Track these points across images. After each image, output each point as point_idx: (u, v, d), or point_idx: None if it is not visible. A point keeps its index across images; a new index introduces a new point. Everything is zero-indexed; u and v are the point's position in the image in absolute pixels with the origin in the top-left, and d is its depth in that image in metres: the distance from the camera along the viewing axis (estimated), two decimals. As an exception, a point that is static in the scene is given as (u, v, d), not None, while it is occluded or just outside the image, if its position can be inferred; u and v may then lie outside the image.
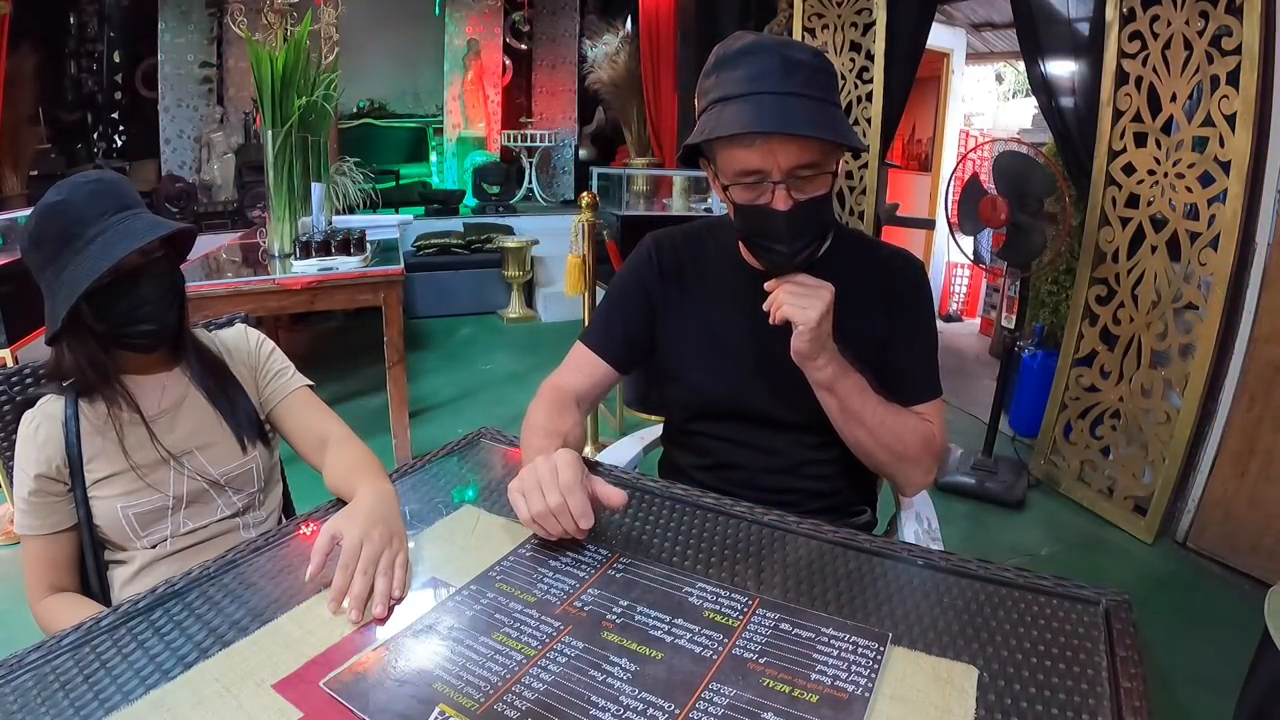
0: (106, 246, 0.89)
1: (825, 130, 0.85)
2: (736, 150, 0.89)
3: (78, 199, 0.91)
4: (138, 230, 0.91)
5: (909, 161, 5.54)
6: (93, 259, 0.89)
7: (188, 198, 4.89)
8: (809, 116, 0.85)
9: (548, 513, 0.78)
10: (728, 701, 0.60)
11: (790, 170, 0.87)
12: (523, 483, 0.81)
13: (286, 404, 1.13)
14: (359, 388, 3.60)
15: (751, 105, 0.85)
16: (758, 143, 0.86)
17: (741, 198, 0.92)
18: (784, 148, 0.86)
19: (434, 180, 6.32)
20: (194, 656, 0.66)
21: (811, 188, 0.90)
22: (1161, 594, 2.13)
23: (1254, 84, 2.02)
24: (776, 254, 0.93)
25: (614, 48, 5.68)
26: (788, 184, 0.88)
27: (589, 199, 2.68)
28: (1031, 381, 3.03)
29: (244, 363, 1.13)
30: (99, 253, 0.89)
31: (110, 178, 0.96)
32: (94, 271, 0.88)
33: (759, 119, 0.85)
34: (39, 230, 0.91)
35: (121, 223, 0.91)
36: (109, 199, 0.92)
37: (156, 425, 1.01)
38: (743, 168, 0.89)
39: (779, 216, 0.89)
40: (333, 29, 4.11)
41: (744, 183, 0.90)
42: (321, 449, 1.07)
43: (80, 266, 0.89)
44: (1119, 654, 0.66)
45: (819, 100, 0.87)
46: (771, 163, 0.87)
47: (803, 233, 0.91)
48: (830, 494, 1.10)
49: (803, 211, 0.90)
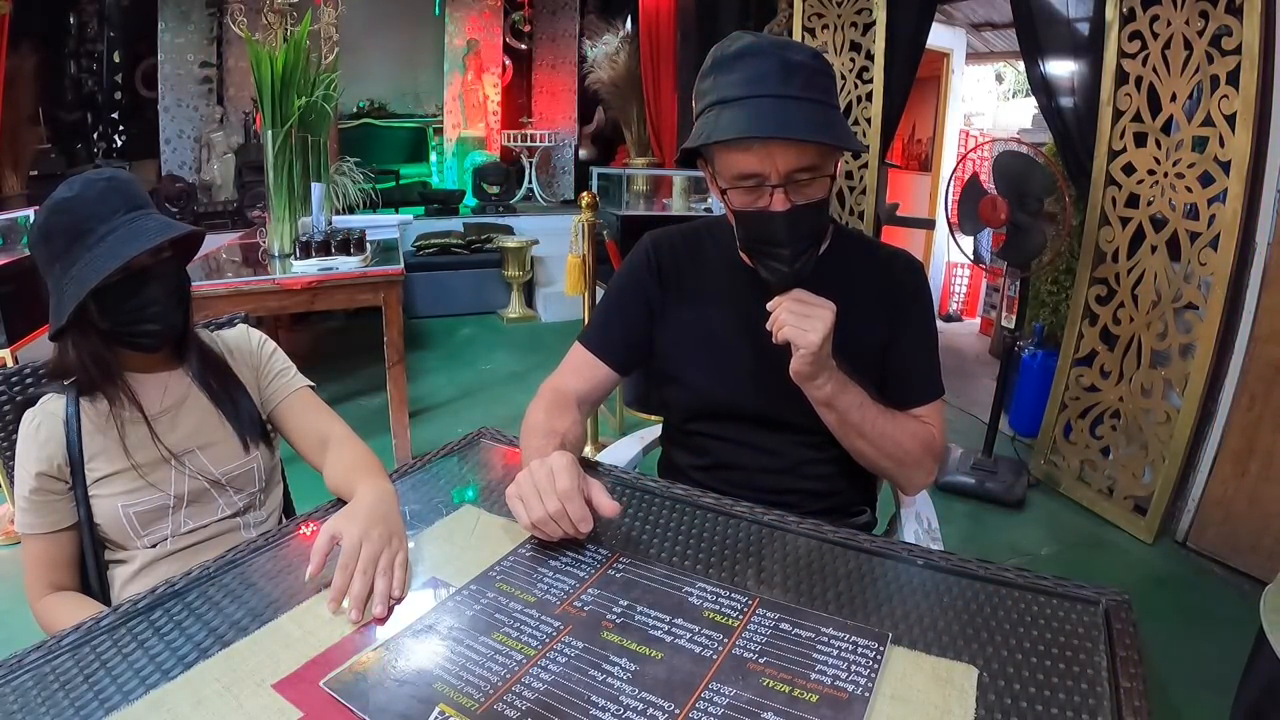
0: (117, 245, 0.89)
1: (824, 134, 0.85)
2: (734, 154, 0.88)
3: (90, 195, 0.91)
4: (149, 230, 0.92)
5: (909, 161, 5.54)
6: (103, 256, 0.89)
7: (188, 198, 4.89)
8: (807, 120, 0.85)
9: (547, 519, 0.79)
10: (728, 701, 0.60)
11: (788, 174, 0.87)
12: (520, 488, 0.82)
13: (288, 404, 1.13)
14: (359, 388, 3.60)
15: (750, 109, 0.85)
16: (755, 147, 0.86)
17: (739, 202, 0.92)
18: (782, 152, 0.86)
19: (434, 180, 6.32)
20: (194, 656, 0.66)
21: (810, 191, 0.90)
22: (1161, 594, 2.13)
23: (1254, 84, 2.02)
24: (776, 258, 0.92)
25: (614, 48, 5.68)
26: (786, 187, 0.88)
27: (589, 199, 2.68)
28: (1031, 381, 3.03)
29: (246, 363, 1.13)
30: (109, 251, 0.89)
31: (123, 177, 0.96)
32: (104, 269, 0.88)
33: (757, 124, 0.84)
34: (49, 224, 0.91)
35: (133, 222, 0.92)
36: (121, 197, 0.92)
37: (158, 424, 1.01)
38: (741, 171, 0.89)
39: (777, 219, 0.89)
40: (332, 29, 4.11)
41: (742, 186, 0.90)
42: (322, 449, 1.07)
43: (89, 264, 0.89)
44: (1119, 654, 0.66)
45: (818, 103, 0.87)
46: (770, 166, 0.87)
47: (801, 236, 0.91)
48: (830, 494, 1.10)
49: (801, 215, 0.90)
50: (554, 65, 6.59)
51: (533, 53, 6.56)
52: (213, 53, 5.22)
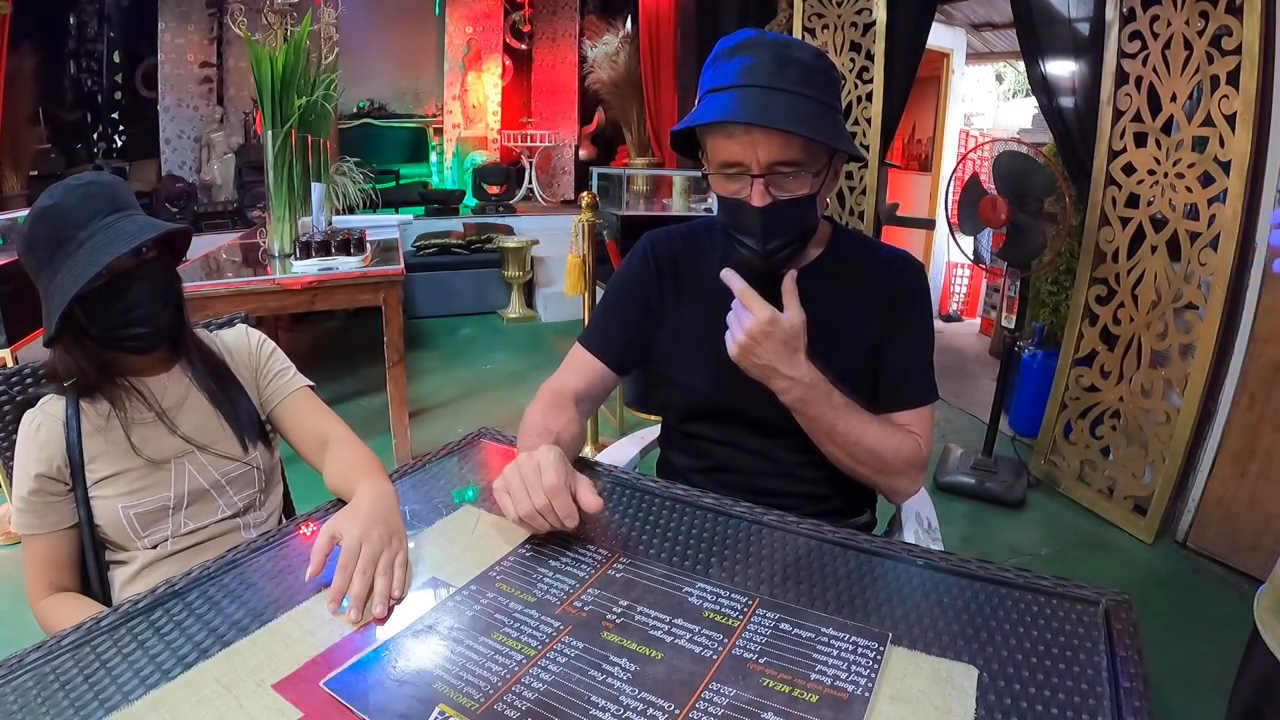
0: (95, 250, 0.89)
1: (805, 127, 0.84)
2: (719, 140, 0.89)
3: (70, 202, 0.90)
4: (127, 232, 0.91)
5: (909, 161, 5.54)
6: (82, 262, 0.88)
7: (188, 198, 4.89)
8: (794, 113, 0.85)
9: (534, 513, 0.79)
10: (728, 701, 0.60)
11: (769, 165, 0.87)
12: (507, 481, 0.82)
13: (287, 404, 1.13)
14: (359, 388, 3.60)
15: (738, 96, 0.86)
16: (738, 134, 0.86)
17: (722, 189, 0.92)
18: (764, 141, 0.86)
19: (434, 180, 6.32)
20: (194, 656, 0.66)
21: (792, 186, 0.89)
22: (1161, 594, 2.13)
23: (1254, 84, 2.02)
24: (749, 250, 0.93)
25: (614, 48, 5.67)
26: (766, 179, 0.88)
27: (589, 199, 2.68)
28: (1031, 381, 3.04)
29: (245, 364, 1.13)
30: (88, 256, 0.88)
31: (104, 180, 0.95)
32: (83, 275, 0.88)
33: (740, 109, 0.85)
34: (32, 234, 0.91)
35: (112, 225, 0.90)
36: (101, 201, 0.91)
37: (158, 425, 1.01)
38: (724, 159, 0.90)
39: (753, 212, 0.89)
40: (332, 29, 4.12)
41: (725, 174, 0.91)
42: (322, 449, 1.07)
43: (70, 272, 0.89)
44: (1119, 654, 0.66)
45: (811, 99, 0.86)
46: (751, 156, 0.87)
47: (777, 233, 0.91)
48: (827, 498, 1.09)
49: (780, 211, 0.89)
50: (554, 65, 6.58)
51: (533, 53, 6.56)
52: (213, 53, 5.22)
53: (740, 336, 0.90)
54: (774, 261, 0.93)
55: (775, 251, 0.92)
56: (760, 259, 0.93)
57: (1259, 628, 0.82)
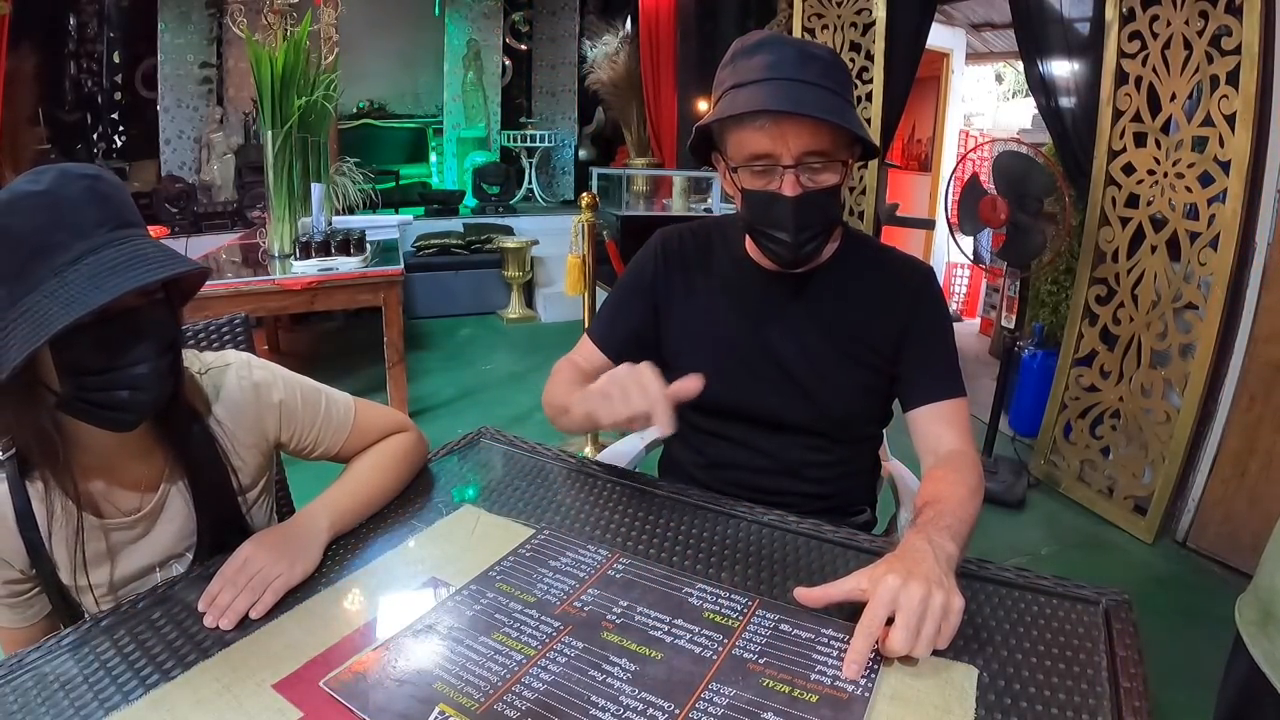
0: (99, 273, 0.64)
1: (837, 116, 0.86)
2: (748, 132, 0.89)
3: (71, 195, 0.66)
4: (150, 258, 0.66)
5: (909, 161, 5.54)
6: (77, 286, 0.63)
7: (187, 198, 4.89)
8: (822, 103, 0.86)
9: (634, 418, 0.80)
10: (727, 702, 0.60)
11: (801, 155, 0.88)
12: (610, 384, 0.83)
13: (349, 443, 0.96)
14: (359, 388, 3.57)
15: (766, 88, 0.86)
16: (769, 125, 0.87)
17: (750, 183, 0.92)
18: (795, 131, 0.86)
19: (434, 180, 6.31)
20: (194, 657, 0.66)
21: (821, 177, 0.90)
22: (1161, 594, 2.13)
23: (1254, 84, 2.02)
24: (780, 243, 0.92)
25: (614, 48, 5.68)
26: (797, 170, 0.88)
27: (589, 199, 2.68)
28: (1031, 381, 3.03)
29: (242, 425, 0.88)
30: (88, 279, 0.63)
31: (113, 180, 0.71)
32: (82, 303, 0.62)
33: (773, 99, 0.86)
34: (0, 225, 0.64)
35: (124, 243, 0.67)
36: (111, 206, 0.68)
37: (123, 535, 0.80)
38: (753, 151, 0.89)
39: (787, 203, 0.89)
40: (332, 29, 4.11)
41: (754, 168, 0.90)
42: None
43: (57, 294, 0.63)
44: (1119, 654, 0.66)
45: (833, 92, 0.88)
46: (782, 146, 0.87)
47: (809, 223, 0.91)
48: (830, 496, 1.10)
49: (811, 200, 0.90)
50: (554, 65, 6.58)
51: (533, 53, 6.56)
52: (213, 53, 5.21)
53: (955, 622, 0.65)
54: (803, 254, 0.93)
55: (805, 243, 0.92)
56: (792, 251, 0.92)
57: (1244, 639, 0.83)
